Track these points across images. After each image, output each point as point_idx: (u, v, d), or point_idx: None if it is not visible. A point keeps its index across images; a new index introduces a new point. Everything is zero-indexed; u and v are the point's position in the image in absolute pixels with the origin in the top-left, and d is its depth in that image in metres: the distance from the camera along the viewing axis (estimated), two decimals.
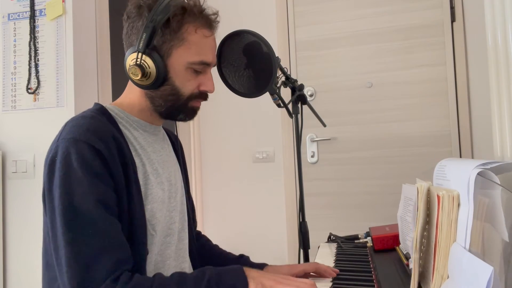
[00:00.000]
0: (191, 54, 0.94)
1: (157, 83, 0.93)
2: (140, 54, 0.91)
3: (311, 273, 1.07)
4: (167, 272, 0.97)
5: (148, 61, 0.91)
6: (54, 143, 0.88)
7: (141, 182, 0.93)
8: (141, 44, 0.90)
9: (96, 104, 0.98)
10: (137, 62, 0.91)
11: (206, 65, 0.98)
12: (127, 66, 0.93)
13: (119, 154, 0.88)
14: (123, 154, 0.89)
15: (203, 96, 1.01)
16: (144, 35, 0.90)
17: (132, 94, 1.00)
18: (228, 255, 1.19)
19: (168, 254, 1.00)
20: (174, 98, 0.96)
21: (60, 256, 0.80)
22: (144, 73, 0.92)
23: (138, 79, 0.93)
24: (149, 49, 0.91)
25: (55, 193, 0.82)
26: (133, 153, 0.94)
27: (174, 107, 0.98)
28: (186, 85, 0.96)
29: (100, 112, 0.94)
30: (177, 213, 1.04)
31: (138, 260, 0.89)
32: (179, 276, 0.84)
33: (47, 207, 0.85)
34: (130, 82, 1.01)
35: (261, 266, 1.10)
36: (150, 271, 0.95)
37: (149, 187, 0.95)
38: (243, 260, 1.15)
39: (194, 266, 1.11)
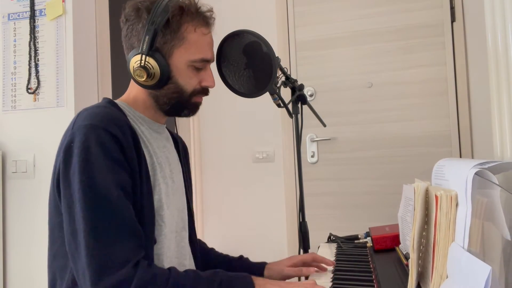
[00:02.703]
0: (191, 53, 0.98)
1: (161, 82, 0.96)
2: (143, 56, 0.93)
3: (313, 267, 1.12)
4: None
5: (152, 62, 0.94)
6: (69, 131, 0.89)
7: (150, 173, 0.96)
8: (144, 47, 0.93)
9: (105, 98, 1.01)
10: (141, 64, 0.93)
11: (206, 61, 1.01)
12: (132, 69, 0.96)
13: (134, 141, 0.91)
14: (137, 141, 0.92)
15: (205, 91, 1.04)
16: (146, 38, 0.92)
17: (136, 92, 1.03)
18: (226, 256, 1.21)
19: (173, 248, 1.01)
20: (178, 95, 1.00)
21: (78, 240, 0.81)
22: (149, 74, 0.94)
23: (143, 81, 0.95)
24: (152, 50, 0.93)
25: (73, 178, 0.84)
26: (142, 145, 0.96)
27: (178, 104, 1.01)
28: (188, 82, 1.00)
29: (111, 104, 0.97)
30: (176, 211, 1.05)
31: (146, 249, 0.89)
32: (194, 274, 0.86)
33: (62, 192, 0.86)
34: (133, 81, 1.03)
35: (261, 265, 1.15)
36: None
37: (156, 177, 0.97)
38: (243, 260, 1.18)
39: (197, 267, 1.11)
